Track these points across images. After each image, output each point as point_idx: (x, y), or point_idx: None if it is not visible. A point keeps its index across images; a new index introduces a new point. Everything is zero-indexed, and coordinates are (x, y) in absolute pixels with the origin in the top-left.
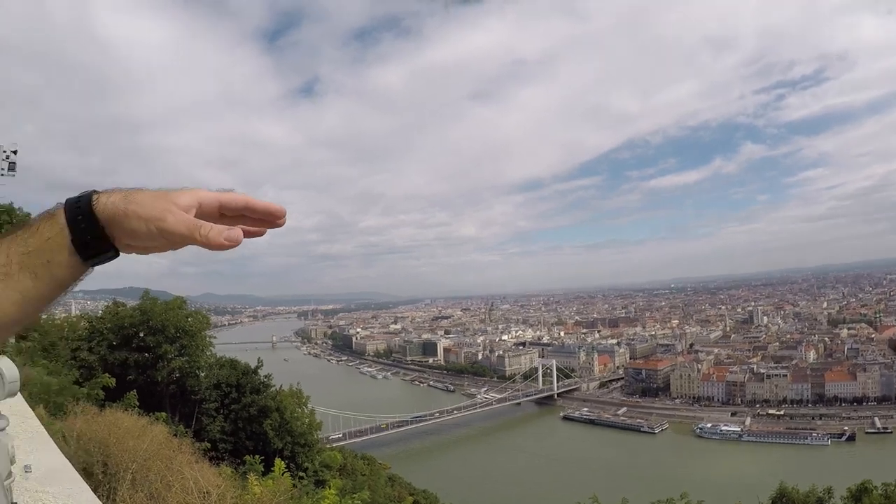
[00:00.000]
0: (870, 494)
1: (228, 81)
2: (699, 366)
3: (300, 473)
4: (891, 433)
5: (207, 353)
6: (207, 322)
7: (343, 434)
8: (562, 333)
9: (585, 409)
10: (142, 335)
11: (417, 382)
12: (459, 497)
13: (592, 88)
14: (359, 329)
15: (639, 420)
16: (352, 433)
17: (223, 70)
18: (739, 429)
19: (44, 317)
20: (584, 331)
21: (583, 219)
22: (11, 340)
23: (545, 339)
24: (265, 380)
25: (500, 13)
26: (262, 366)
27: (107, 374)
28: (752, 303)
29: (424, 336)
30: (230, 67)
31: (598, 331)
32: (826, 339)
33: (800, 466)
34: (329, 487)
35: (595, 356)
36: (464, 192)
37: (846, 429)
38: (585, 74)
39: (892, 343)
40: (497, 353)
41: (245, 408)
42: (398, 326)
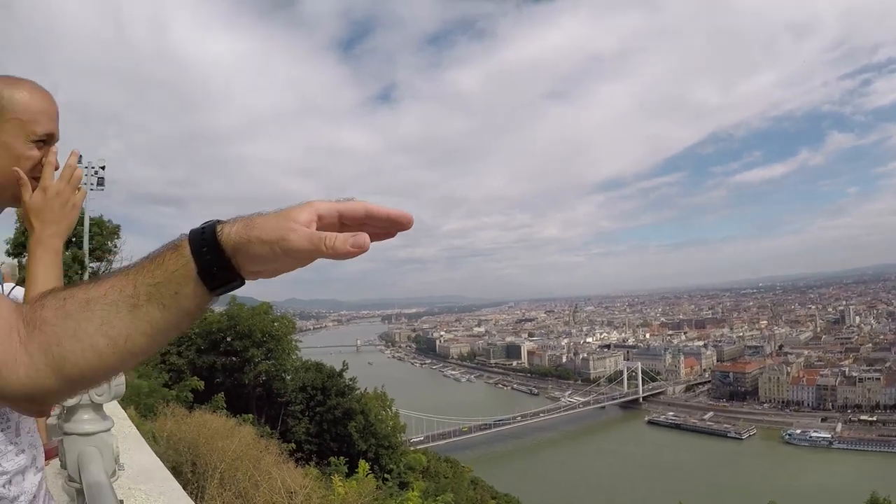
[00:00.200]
0: None
1: (306, 91)
2: (788, 369)
3: (384, 475)
4: None
5: (293, 357)
6: (293, 326)
7: (425, 437)
8: (647, 335)
9: (671, 414)
10: (229, 339)
11: (501, 385)
12: (542, 501)
13: (672, 82)
14: (442, 332)
15: (725, 425)
16: (434, 436)
17: (301, 80)
18: (830, 435)
19: None
20: (670, 332)
21: (667, 217)
22: None
23: (630, 342)
24: (350, 383)
25: (573, 10)
26: (347, 369)
27: (195, 377)
28: (844, 302)
29: (508, 339)
30: (308, 77)
31: (685, 332)
32: None
33: (893, 476)
34: (412, 489)
35: (681, 358)
36: (545, 193)
37: None
38: (664, 68)
39: None
40: (581, 356)
41: (330, 410)
42: (481, 329)
